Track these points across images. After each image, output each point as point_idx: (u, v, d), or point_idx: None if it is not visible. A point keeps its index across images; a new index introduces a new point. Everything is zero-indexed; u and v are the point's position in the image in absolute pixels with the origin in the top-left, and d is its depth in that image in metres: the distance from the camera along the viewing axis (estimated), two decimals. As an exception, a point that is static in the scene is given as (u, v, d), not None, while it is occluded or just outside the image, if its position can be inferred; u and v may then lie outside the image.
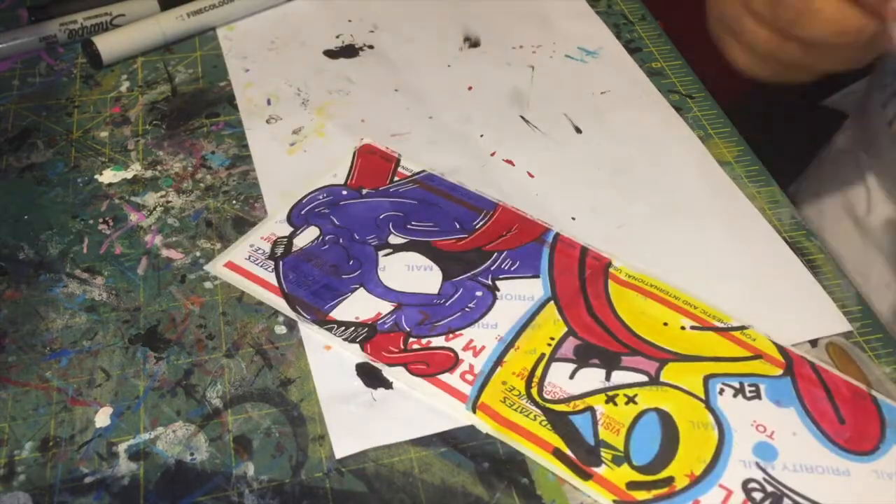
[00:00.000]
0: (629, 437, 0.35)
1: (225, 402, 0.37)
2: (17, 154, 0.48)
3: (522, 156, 0.48)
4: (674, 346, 0.38)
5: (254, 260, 0.42)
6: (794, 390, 0.37)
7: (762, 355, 0.38)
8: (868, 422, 0.36)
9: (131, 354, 0.39)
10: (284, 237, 0.43)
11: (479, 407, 0.36)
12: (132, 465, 0.35)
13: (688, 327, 0.39)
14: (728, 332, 0.39)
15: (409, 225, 0.43)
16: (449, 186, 0.45)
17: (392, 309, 0.40)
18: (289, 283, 0.41)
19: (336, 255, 0.42)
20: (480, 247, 0.42)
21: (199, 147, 0.49)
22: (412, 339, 0.38)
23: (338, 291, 0.40)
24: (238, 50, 0.55)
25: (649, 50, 0.56)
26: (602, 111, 0.51)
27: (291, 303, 0.40)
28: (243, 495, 0.34)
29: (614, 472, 0.34)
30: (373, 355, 0.38)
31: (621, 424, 0.36)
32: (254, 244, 0.43)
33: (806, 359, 0.38)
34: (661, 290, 0.40)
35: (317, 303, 0.40)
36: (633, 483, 0.34)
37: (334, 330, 0.39)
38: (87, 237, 0.44)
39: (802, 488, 0.34)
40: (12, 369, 0.38)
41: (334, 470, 0.35)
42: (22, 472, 0.34)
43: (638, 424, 0.36)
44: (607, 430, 0.35)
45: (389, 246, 0.42)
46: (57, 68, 0.54)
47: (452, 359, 0.38)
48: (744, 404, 0.36)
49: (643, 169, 0.47)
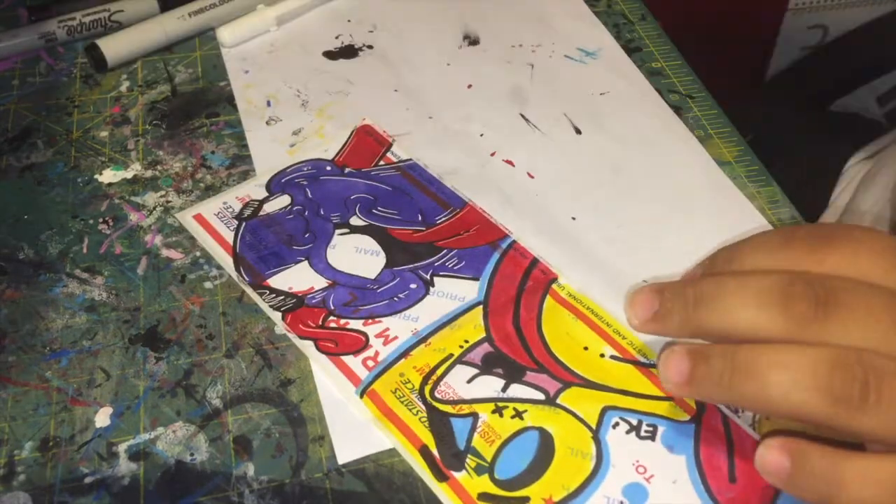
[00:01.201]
0: (501, 450, 0.34)
1: (225, 402, 0.37)
2: (17, 154, 0.48)
3: (522, 156, 0.48)
4: (585, 371, 0.37)
5: (221, 217, 0.44)
6: (693, 439, 0.35)
7: (674, 399, 0.36)
8: (761, 488, 0.33)
9: (131, 354, 0.38)
10: (256, 201, 0.45)
11: (367, 393, 0.36)
12: (132, 466, 0.35)
13: (607, 355, 0.38)
14: (647, 369, 0.37)
15: (375, 210, 0.44)
16: (427, 178, 0.46)
17: (325, 286, 0.41)
18: (242, 244, 0.42)
19: (295, 227, 0.43)
20: (433, 241, 0.43)
21: (199, 147, 0.49)
22: (332, 318, 0.39)
23: (283, 260, 0.42)
24: (237, 51, 0.55)
25: (649, 50, 0.56)
26: (602, 111, 0.51)
27: (237, 262, 0.42)
28: (243, 495, 0.34)
29: (472, 481, 0.34)
30: (290, 326, 0.39)
31: (498, 436, 0.35)
32: (227, 202, 0.45)
33: (720, 411, 0.36)
34: (595, 315, 0.39)
35: (259, 267, 0.41)
36: (485, 494, 0.33)
37: (265, 295, 0.40)
38: (87, 237, 0.44)
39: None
40: (12, 369, 0.38)
41: (334, 470, 0.35)
42: (22, 472, 0.34)
43: (515, 439, 0.35)
44: (482, 438, 0.35)
45: (348, 226, 0.43)
46: (57, 68, 0.54)
47: (361, 342, 0.38)
48: (634, 442, 0.35)
49: (643, 169, 0.47)
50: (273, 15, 0.56)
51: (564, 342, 0.38)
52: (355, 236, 0.43)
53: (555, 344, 0.38)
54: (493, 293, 0.40)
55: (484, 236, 0.43)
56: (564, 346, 0.38)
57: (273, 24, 0.56)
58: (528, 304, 0.40)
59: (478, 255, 0.42)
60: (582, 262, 0.42)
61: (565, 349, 0.38)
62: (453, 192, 0.45)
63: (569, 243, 0.43)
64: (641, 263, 0.42)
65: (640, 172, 0.47)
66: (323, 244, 0.42)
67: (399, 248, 0.42)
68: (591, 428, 0.35)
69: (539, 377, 0.37)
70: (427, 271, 0.41)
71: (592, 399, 0.36)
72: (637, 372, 0.37)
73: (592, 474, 0.34)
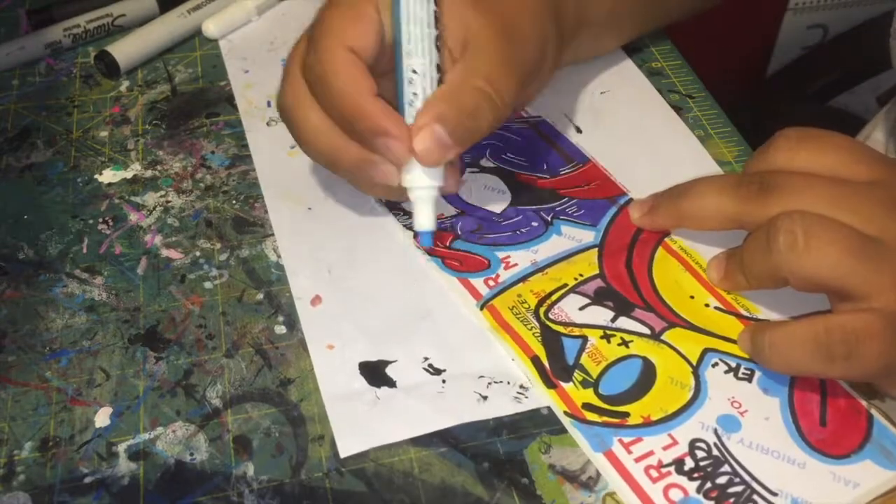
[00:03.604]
0: (606, 370, 0.37)
1: (225, 402, 0.37)
2: (17, 154, 0.48)
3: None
4: (690, 315, 0.39)
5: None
6: (788, 385, 0.37)
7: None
8: (851, 433, 0.35)
9: (131, 354, 0.38)
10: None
11: (487, 307, 0.39)
12: (132, 465, 0.35)
13: (712, 306, 0.39)
14: (749, 321, 0.39)
15: (505, 155, 0.47)
16: (554, 134, 0.49)
17: (455, 213, 0.44)
18: None
19: None
20: (556, 189, 0.45)
21: (199, 147, 0.49)
22: (459, 241, 0.42)
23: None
24: (237, 51, 0.55)
25: (649, 50, 0.56)
26: (602, 111, 0.51)
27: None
28: (243, 495, 0.34)
29: (577, 392, 0.36)
30: (419, 244, 0.42)
31: (605, 358, 0.37)
32: None
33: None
34: (702, 268, 0.41)
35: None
36: (588, 405, 0.36)
37: (399, 216, 0.44)
38: (86, 237, 0.44)
39: (747, 462, 0.34)
40: (12, 369, 0.38)
41: (334, 470, 0.35)
42: (22, 472, 0.34)
43: (620, 363, 0.37)
44: (590, 358, 0.37)
45: (479, 166, 0.46)
46: (57, 68, 0.54)
47: (485, 265, 0.41)
48: (731, 381, 0.37)
49: (643, 169, 0.47)
50: (252, 5, 0.57)
51: (672, 288, 0.40)
52: (485, 175, 0.46)
53: (663, 289, 0.40)
54: (608, 239, 0.43)
55: (603, 191, 0.45)
56: (672, 291, 0.40)
57: (254, 14, 0.57)
58: (641, 252, 0.42)
59: (596, 206, 0.44)
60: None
61: (672, 294, 0.40)
62: (578, 148, 0.48)
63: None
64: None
65: (641, 172, 0.47)
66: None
67: (524, 190, 0.45)
68: (691, 364, 0.37)
69: (646, 315, 0.39)
70: (549, 213, 0.44)
71: (695, 340, 0.38)
72: (739, 323, 0.39)
73: (690, 402, 0.36)
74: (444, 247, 0.42)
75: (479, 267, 0.41)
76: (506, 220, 0.44)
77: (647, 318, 0.39)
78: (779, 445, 0.35)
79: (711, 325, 0.39)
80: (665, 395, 0.36)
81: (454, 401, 0.37)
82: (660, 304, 0.40)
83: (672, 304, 0.40)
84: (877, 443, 0.35)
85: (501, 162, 0.47)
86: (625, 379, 0.37)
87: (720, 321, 0.39)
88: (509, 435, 0.36)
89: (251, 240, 0.44)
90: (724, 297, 0.40)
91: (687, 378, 0.37)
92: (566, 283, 0.40)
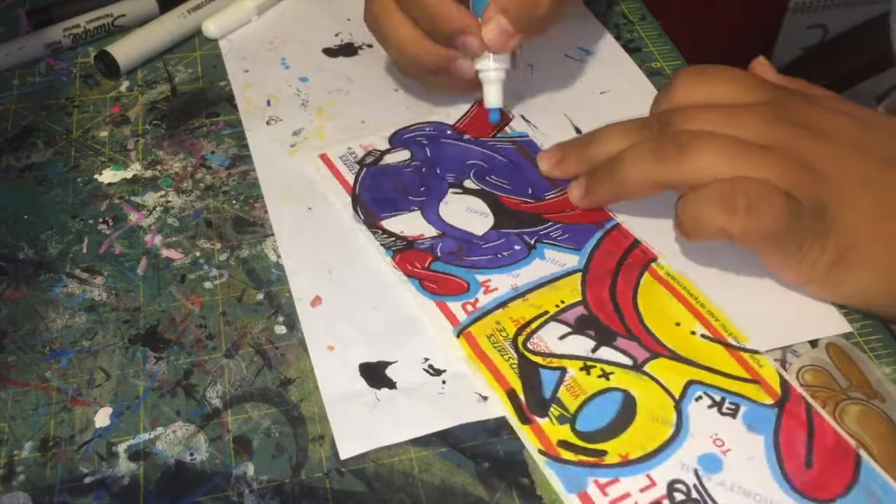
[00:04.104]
0: (584, 404, 0.36)
1: (225, 402, 0.37)
2: (17, 154, 0.48)
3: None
4: (674, 345, 0.38)
5: (344, 160, 0.47)
6: (774, 422, 0.35)
7: (760, 382, 0.37)
8: (837, 475, 0.34)
9: (131, 354, 0.39)
10: (379, 150, 0.48)
11: (464, 334, 0.39)
12: (132, 465, 0.35)
13: (698, 334, 0.38)
14: (736, 351, 0.38)
15: (489, 177, 0.46)
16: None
17: (435, 235, 0.43)
18: (361, 187, 0.45)
19: (412, 179, 0.46)
20: (541, 213, 0.44)
21: (199, 147, 0.49)
22: (438, 263, 0.42)
23: (398, 207, 0.45)
24: (237, 51, 0.55)
25: (649, 50, 0.56)
26: (602, 111, 0.51)
27: (355, 202, 0.45)
28: (243, 495, 0.34)
29: (553, 428, 0.35)
30: (399, 265, 0.41)
31: (583, 391, 0.36)
32: (351, 147, 0.48)
33: (805, 399, 0.36)
34: (690, 295, 0.40)
35: (375, 209, 0.44)
36: (564, 442, 0.35)
37: (377, 235, 0.43)
38: (86, 237, 0.44)
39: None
40: (12, 369, 0.38)
41: (334, 470, 0.35)
42: (22, 472, 0.34)
43: (599, 397, 0.36)
44: (568, 392, 0.36)
45: (462, 187, 0.46)
46: (57, 68, 0.54)
47: (464, 288, 0.41)
48: (714, 416, 0.36)
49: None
50: (252, 5, 0.57)
51: (657, 316, 0.39)
52: (468, 197, 0.45)
53: (648, 316, 0.39)
54: (592, 264, 0.42)
55: (589, 216, 0.44)
56: (657, 319, 0.39)
57: (254, 14, 0.57)
58: (626, 278, 0.41)
59: (581, 230, 0.43)
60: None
61: (657, 322, 0.39)
62: None
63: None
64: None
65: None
66: (436, 199, 0.45)
67: (507, 213, 0.45)
68: (674, 397, 0.36)
69: (629, 344, 0.38)
70: (532, 237, 0.43)
71: (678, 371, 0.37)
72: (726, 353, 0.38)
73: (670, 440, 0.35)
74: (422, 268, 0.41)
75: (457, 290, 0.40)
76: (487, 242, 0.43)
77: (630, 348, 0.38)
78: (761, 488, 0.33)
79: (697, 354, 0.38)
80: (645, 431, 0.35)
81: (454, 401, 0.37)
82: (643, 333, 0.39)
83: (656, 332, 0.38)
84: (864, 487, 0.33)
85: (485, 184, 0.46)
86: (603, 414, 0.36)
87: (706, 350, 0.38)
88: (509, 435, 0.36)
89: (251, 240, 0.44)
90: (712, 325, 0.39)
91: (669, 413, 0.36)
92: (547, 311, 0.39)
